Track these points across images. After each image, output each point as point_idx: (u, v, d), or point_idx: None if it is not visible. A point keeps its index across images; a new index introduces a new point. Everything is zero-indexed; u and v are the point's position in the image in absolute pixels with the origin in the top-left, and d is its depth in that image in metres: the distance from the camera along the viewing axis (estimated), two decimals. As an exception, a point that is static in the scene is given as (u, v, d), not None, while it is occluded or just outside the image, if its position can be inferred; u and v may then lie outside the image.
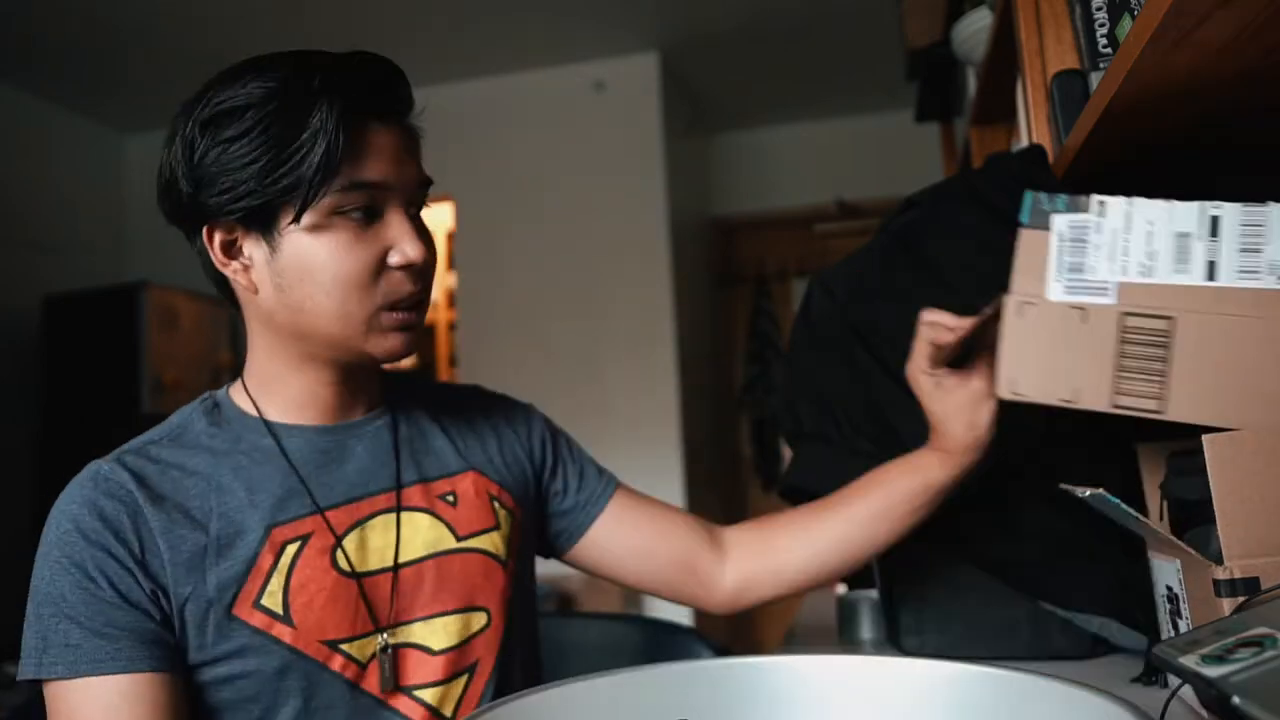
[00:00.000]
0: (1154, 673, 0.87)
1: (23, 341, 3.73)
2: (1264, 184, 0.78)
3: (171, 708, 0.77)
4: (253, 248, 0.80)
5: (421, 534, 0.88)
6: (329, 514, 0.84)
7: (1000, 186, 1.10)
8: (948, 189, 1.16)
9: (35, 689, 0.79)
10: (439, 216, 4.47)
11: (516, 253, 3.96)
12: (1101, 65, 0.98)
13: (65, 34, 3.45)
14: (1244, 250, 0.73)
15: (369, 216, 0.80)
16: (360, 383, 0.90)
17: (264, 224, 0.79)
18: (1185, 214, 0.76)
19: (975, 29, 1.69)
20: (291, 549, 0.82)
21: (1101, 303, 0.78)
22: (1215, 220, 0.75)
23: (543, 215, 3.95)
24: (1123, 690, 0.82)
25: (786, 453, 1.27)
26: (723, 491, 4.47)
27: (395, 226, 0.81)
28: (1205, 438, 0.70)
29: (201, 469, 0.83)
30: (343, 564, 0.83)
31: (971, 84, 1.91)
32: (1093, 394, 0.77)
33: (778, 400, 1.27)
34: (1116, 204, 0.78)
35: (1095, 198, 0.79)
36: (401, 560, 0.86)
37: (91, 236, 4.20)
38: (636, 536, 1.01)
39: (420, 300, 0.84)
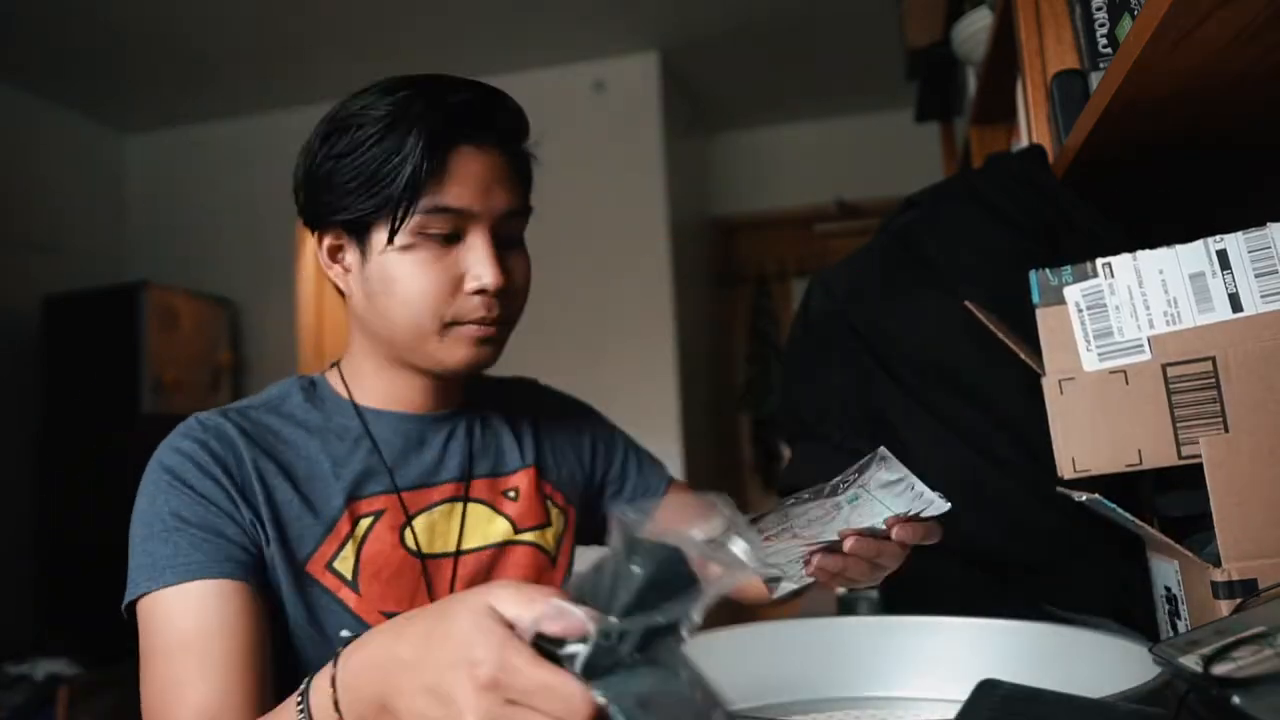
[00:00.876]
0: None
1: (23, 341, 3.73)
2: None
3: (265, 622, 0.80)
4: (351, 255, 0.87)
5: (482, 525, 0.94)
6: (404, 494, 0.90)
7: (1000, 186, 1.10)
8: (948, 189, 1.16)
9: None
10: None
11: (516, 253, 3.96)
12: (1101, 65, 0.98)
13: (65, 34, 3.45)
14: (1260, 275, 0.73)
15: (450, 239, 0.84)
16: (444, 385, 0.94)
17: (360, 235, 0.85)
18: (1192, 254, 0.76)
19: (975, 29, 1.69)
20: (366, 522, 0.88)
21: (1139, 361, 0.77)
22: (1222, 254, 0.75)
23: (543, 215, 3.92)
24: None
25: (786, 453, 1.27)
26: (723, 491, 4.47)
27: (475, 251, 0.85)
28: (1202, 440, 0.70)
29: (293, 439, 0.89)
30: (410, 543, 0.89)
31: (971, 84, 1.91)
32: (1157, 452, 0.76)
33: (777, 400, 1.27)
34: (1123, 261, 0.78)
35: (1099, 261, 0.79)
36: (463, 548, 0.92)
37: (91, 236, 4.20)
38: None
39: (500, 319, 0.87)
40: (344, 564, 0.85)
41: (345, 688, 0.57)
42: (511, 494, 0.97)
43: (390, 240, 0.82)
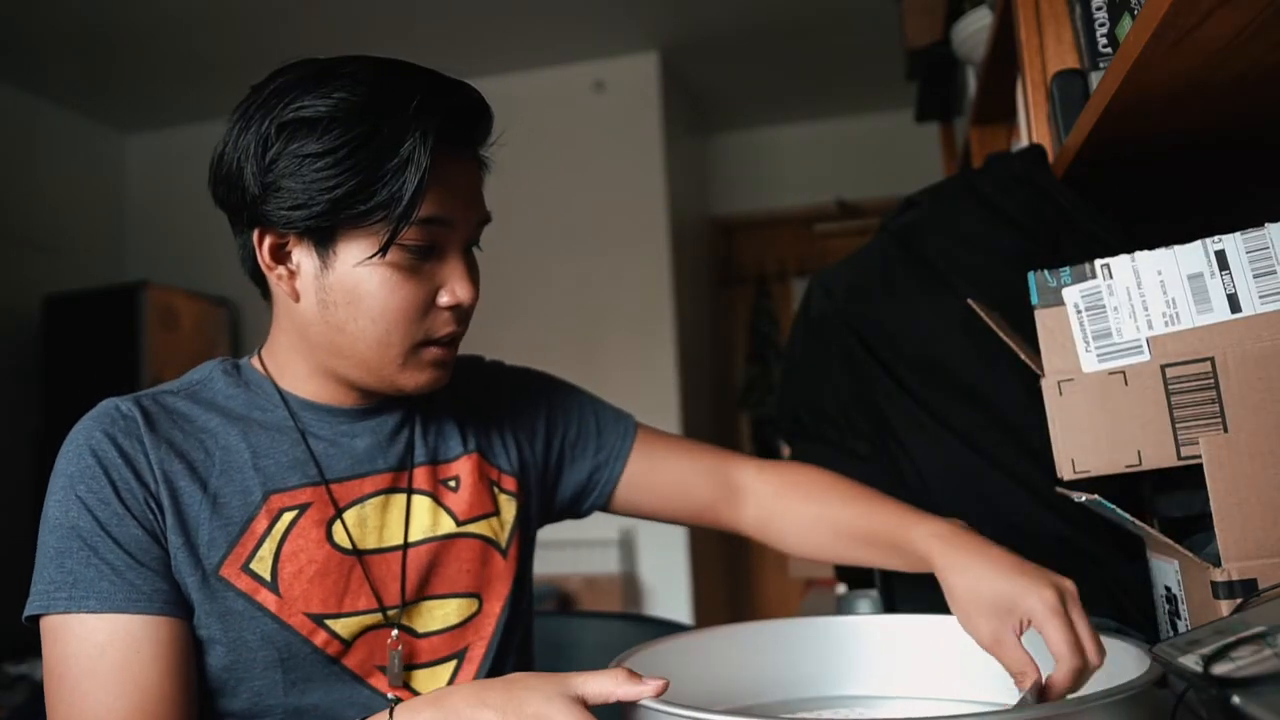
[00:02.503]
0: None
1: (23, 341, 3.73)
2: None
3: (187, 657, 0.76)
4: (304, 257, 0.78)
5: (421, 518, 0.87)
6: (333, 487, 0.83)
7: (1000, 186, 1.10)
8: (948, 189, 1.16)
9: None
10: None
11: (517, 252, 3.95)
12: (1101, 65, 0.98)
13: (65, 34, 3.45)
14: (1258, 275, 0.73)
15: (427, 253, 0.78)
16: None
17: (322, 239, 0.77)
18: (1190, 255, 0.76)
19: (975, 29, 1.69)
20: (288, 517, 0.81)
21: (1138, 361, 0.77)
22: (1221, 254, 0.74)
23: (543, 215, 3.95)
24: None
25: (786, 452, 1.27)
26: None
27: (451, 265, 0.80)
28: (1202, 440, 0.70)
29: (210, 427, 0.82)
30: (340, 539, 0.82)
31: (971, 84, 1.91)
32: (1156, 453, 0.76)
33: (777, 400, 1.27)
34: (1121, 262, 0.78)
35: (1098, 262, 0.79)
36: (410, 540, 0.86)
37: (91, 236, 4.20)
38: (662, 485, 1.02)
39: (459, 337, 0.84)
40: (261, 564, 0.78)
41: None
42: (452, 483, 0.90)
43: (383, 253, 0.75)
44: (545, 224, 3.95)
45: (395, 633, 0.83)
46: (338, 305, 0.78)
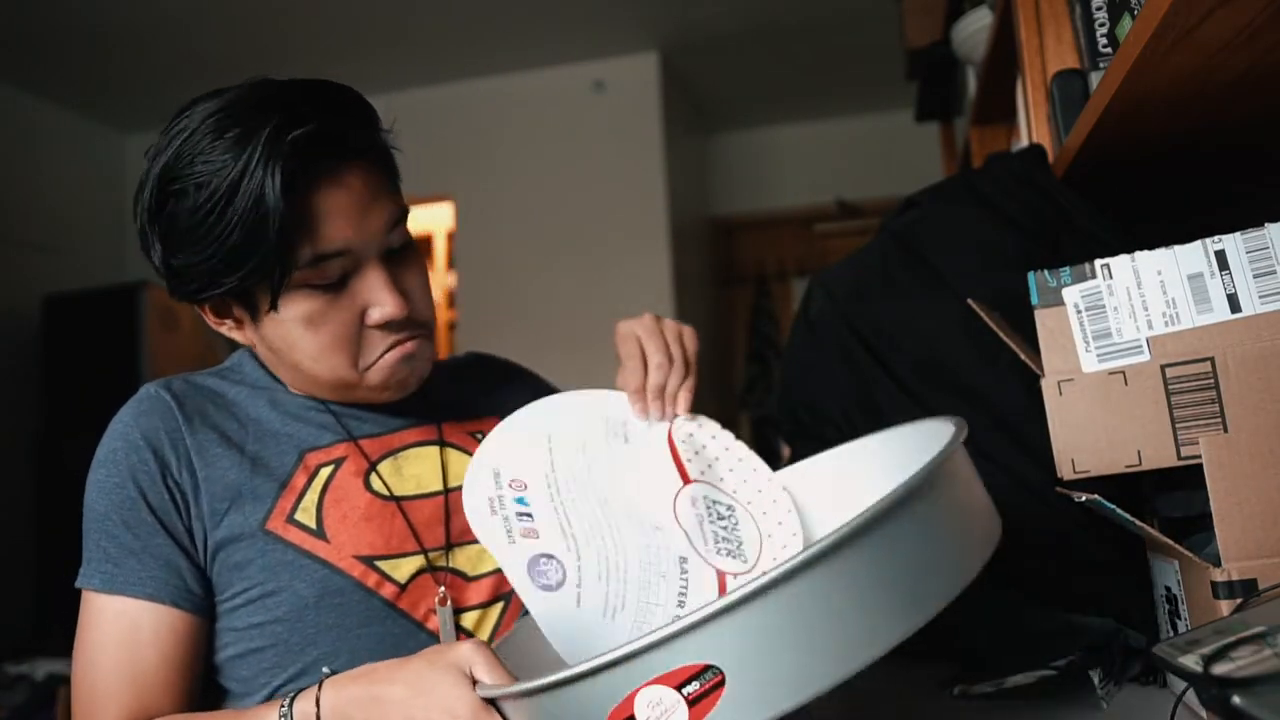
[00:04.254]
0: (1153, 672, 0.87)
1: (23, 341, 3.73)
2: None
3: (189, 646, 0.80)
4: (240, 311, 0.82)
5: (454, 466, 0.90)
6: (363, 442, 0.87)
7: (1000, 186, 1.10)
8: (948, 189, 1.16)
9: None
10: (439, 216, 4.48)
11: (516, 253, 3.96)
12: (1101, 65, 0.98)
13: (65, 34, 3.45)
14: (1258, 276, 0.73)
15: (338, 285, 0.78)
16: None
17: (242, 299, 0.80)
18: (1190, 255, 0.76)
19: (975, 29, 1.69)
20: (325, 471, 0.84)
21: (1138, 362, 0.77)
22: (1221, 254, 0.74)
23: (543, 215, 3.95)
24: (1122, 689, 0.82)
25: (786, 452, 1.27)
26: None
27: (368, 281, 0.79)
28: (1202, 440, 0.70)
29: (240, 400, 0.87)
30: (378, 487, 0.85)
31: (971, 84, 1.91)
32: (1156, 453, 0.76)
33: (777, 400, 1.27)
34: (1121, 262, 0.78)
35: (1098, 262, 0.79)
36: (445, 487, 0.89)
37: (91, 236, 4.20)
38: None
39: (413, 330, 0.83)
40: (306, 514, 0.82)
41: (333, 712, 0.67)
42: (479, 435, 0.91)
43: (274, 307, 0.77)
44: (545, 224, 3.95)
45: (442, 590, 0.84)
46: (281, 351, 0.82)
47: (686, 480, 0.80)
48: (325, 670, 0.80)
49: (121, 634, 0.78)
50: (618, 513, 0.78)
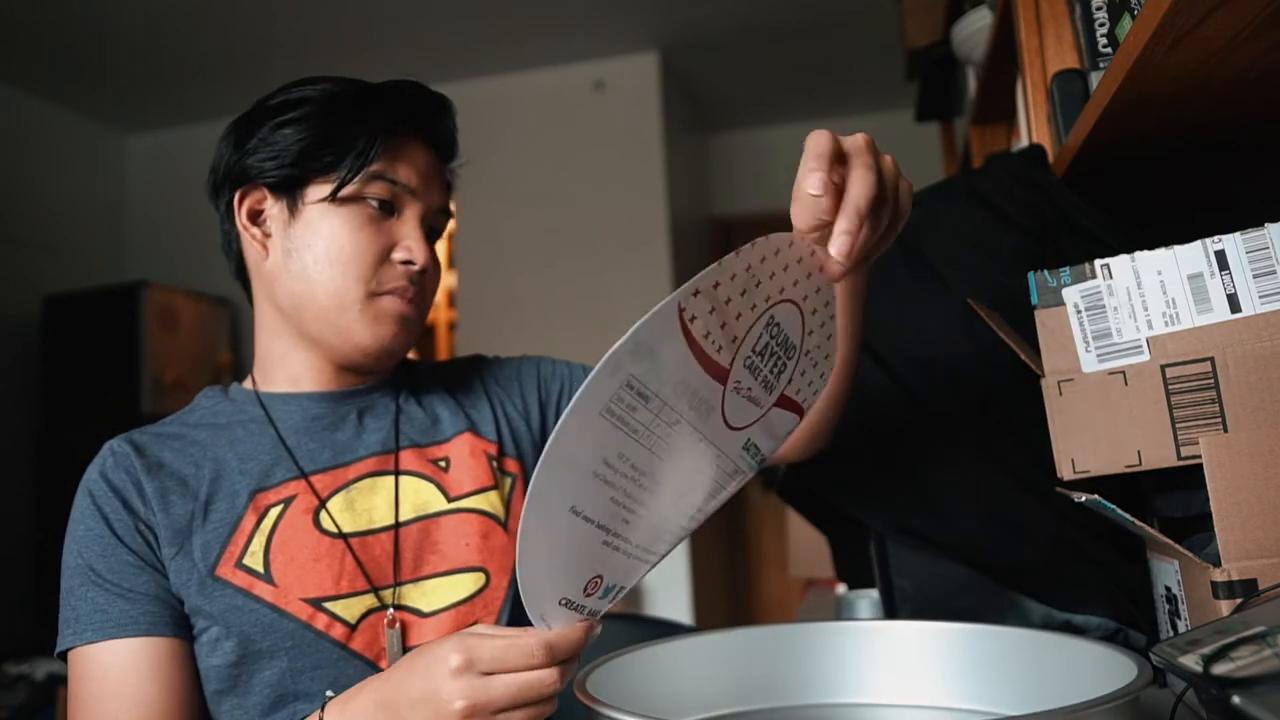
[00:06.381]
0: (1153, 672, 0.87)
1: (23, 341, 3.73)
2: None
3: (184, 672, 0.81)
4: (275, 213, 0.88)
5: (410, 497, 0.89)
6: (313, 478, 0.87)
7: (1000, 186, 1.10)
8: (948, 189, 1.16)
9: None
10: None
11: (516, 253, 3.96)
12: (1101, 65, 0.98)
13: (65, 34, 3.45)
14: (1258, 276, 0.73)
15: (386, 210, 0.87)
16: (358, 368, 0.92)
17: (291, 191, 0.86)
18: (1190, 255, 0.75)
19: (975, 29, 1.69)
20: (274, 511, 0.84)
21: (1138, 362, 0.77)
22: (1220, 254, 0.74)
23: (543, 215, 3.95)
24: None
25: (786, 453, 1.27)
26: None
27: (407, 225, 0.88)
28: (1202, 440, 0.70)
29: (200, 440, 0.88)
30: (327, 525, 0.85)
31: (971, 84, 1.91)
32: (1156, 452, 0.76)
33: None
34: (1121, 262, 0.78)
35: (1098, 262, 0.79)
36: (401, 520, 0.88)
37: (91, 236, 4.20)
38: None
39: (416, 298, 0.89)
40: (253, 558, 0.82)
41: None
42: (442, 463, 0.92)
43: (335, 195, 0.84)
44: (545, 224, 3.95)
45: (391, 612, 0.84)
46: (300, 250, 0.86)
47: (723, 379, 0.61)
48: (329, 693, 0.80)
49: (122, 677, 0.78)
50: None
